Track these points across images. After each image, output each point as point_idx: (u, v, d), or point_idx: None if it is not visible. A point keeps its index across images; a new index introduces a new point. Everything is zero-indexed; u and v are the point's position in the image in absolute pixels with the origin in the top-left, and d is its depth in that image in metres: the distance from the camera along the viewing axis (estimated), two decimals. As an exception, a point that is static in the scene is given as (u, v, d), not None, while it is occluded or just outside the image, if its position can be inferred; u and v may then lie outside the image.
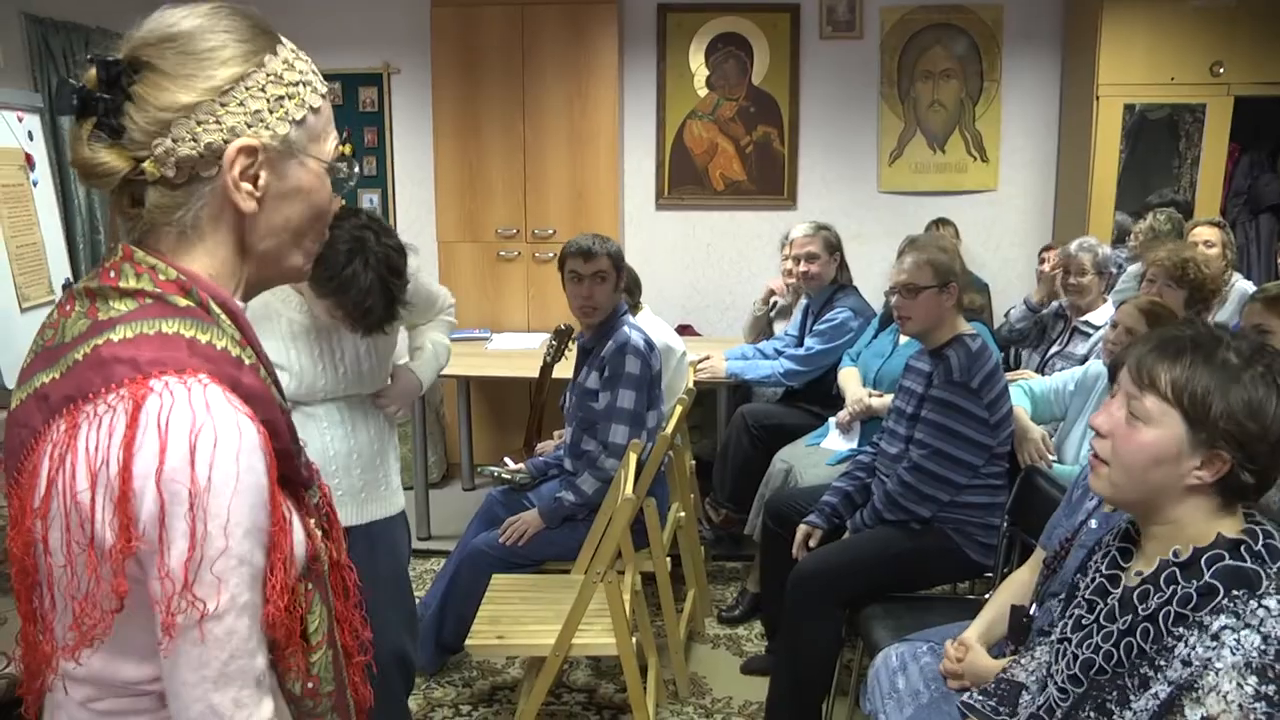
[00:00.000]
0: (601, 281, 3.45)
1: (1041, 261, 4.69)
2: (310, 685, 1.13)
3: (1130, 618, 1.47)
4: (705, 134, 5.71)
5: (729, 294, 5.84)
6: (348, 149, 5.90)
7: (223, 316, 1.05)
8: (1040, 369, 3.96)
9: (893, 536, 3.03)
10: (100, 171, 1.02)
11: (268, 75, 1.05)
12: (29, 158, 4.49)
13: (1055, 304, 4.31)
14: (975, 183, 5.67)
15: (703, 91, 5.68)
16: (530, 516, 3.42)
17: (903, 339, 3.85)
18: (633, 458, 3.08)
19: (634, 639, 2.94)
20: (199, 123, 1.02)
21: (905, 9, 5.53)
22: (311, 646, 1.12)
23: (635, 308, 4.05)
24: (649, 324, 3.92)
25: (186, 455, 0.94)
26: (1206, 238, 4.36)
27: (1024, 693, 1.75)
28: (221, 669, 0.98)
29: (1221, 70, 4.94)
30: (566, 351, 4.19)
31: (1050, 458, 3.22)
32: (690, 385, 3.99)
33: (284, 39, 1.10)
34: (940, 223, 5.33)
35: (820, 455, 3.89)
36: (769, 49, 5.61)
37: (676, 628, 3.56)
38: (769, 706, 3.12)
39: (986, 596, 2.63)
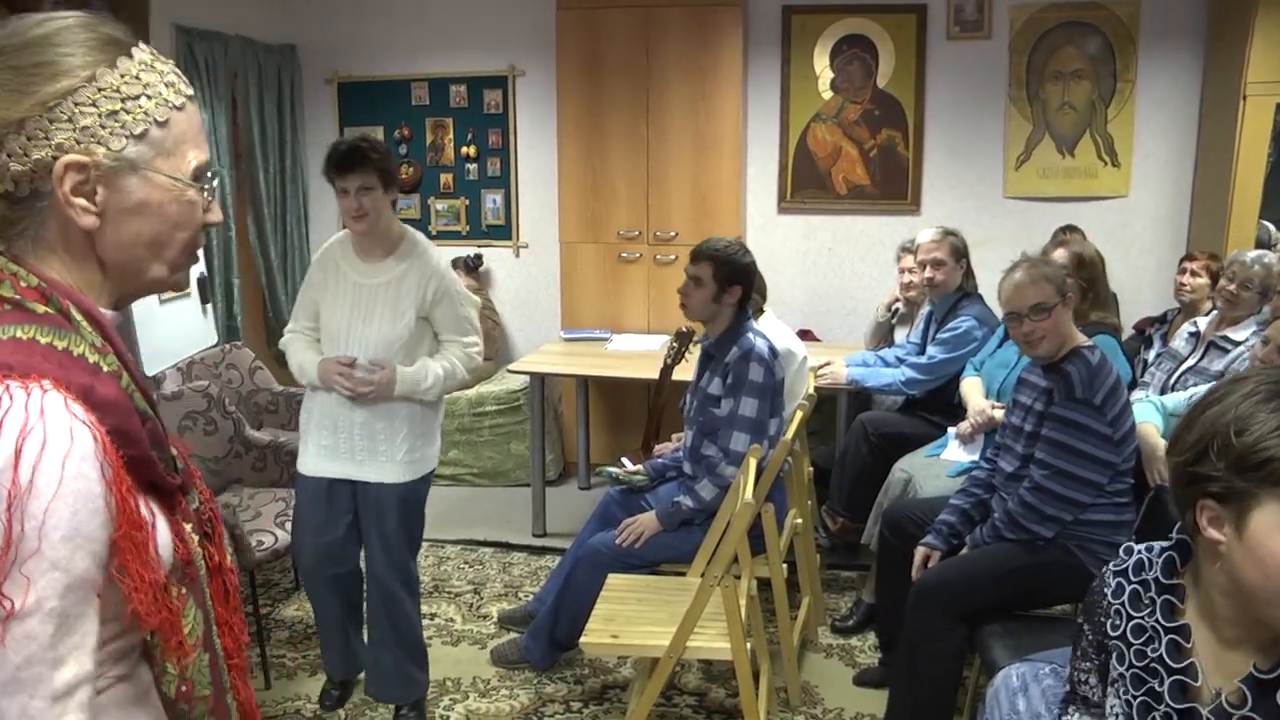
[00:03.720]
0: (697, 286, 3.46)
1: (1182, 272, 4.51)
2: (184, 689, 1.13)
3: None
4: (829, 137, 5.66)
5: (850, 299, 5.79)
6: (472, 150, 6.02)
7: (84, 323, 1.05)
8: (1172, 385, 3.83)
9: (1014, 551, 2.97)
10: None
11: (99, 90, 1.04)
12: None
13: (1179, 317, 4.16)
14: (1105, 188, 5.50)
15: (827, 94, 5.63)
16: (647, 518, 3.45)
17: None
18: (752, 463, 3.08)
19: (748, 644, 2.95)
20: (29, 138, 1.01)
21: (1036, 7, 5.39)
22: (186, 651, 1.12)
23: (758, 312, 4.04)
24: (770, 328, 3.91)
25: (11, 457, 0.94)
26: (1359, 248, 4.16)
27: None
28: (14, 673, 0.95)
29: (1394, 65, 4.66)
30: (686, 354, 4.21)
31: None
32: (811, 391, 3.97)
33: (140, 49, 1.09)
34: (1068, 229, 5.18)
35: (940, 466, 3.84)
36: (894, 51, 5.54)
37: (790, 635, 3.55)
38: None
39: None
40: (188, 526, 1.14)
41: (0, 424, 0.95)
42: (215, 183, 1.16)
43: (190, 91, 1.14)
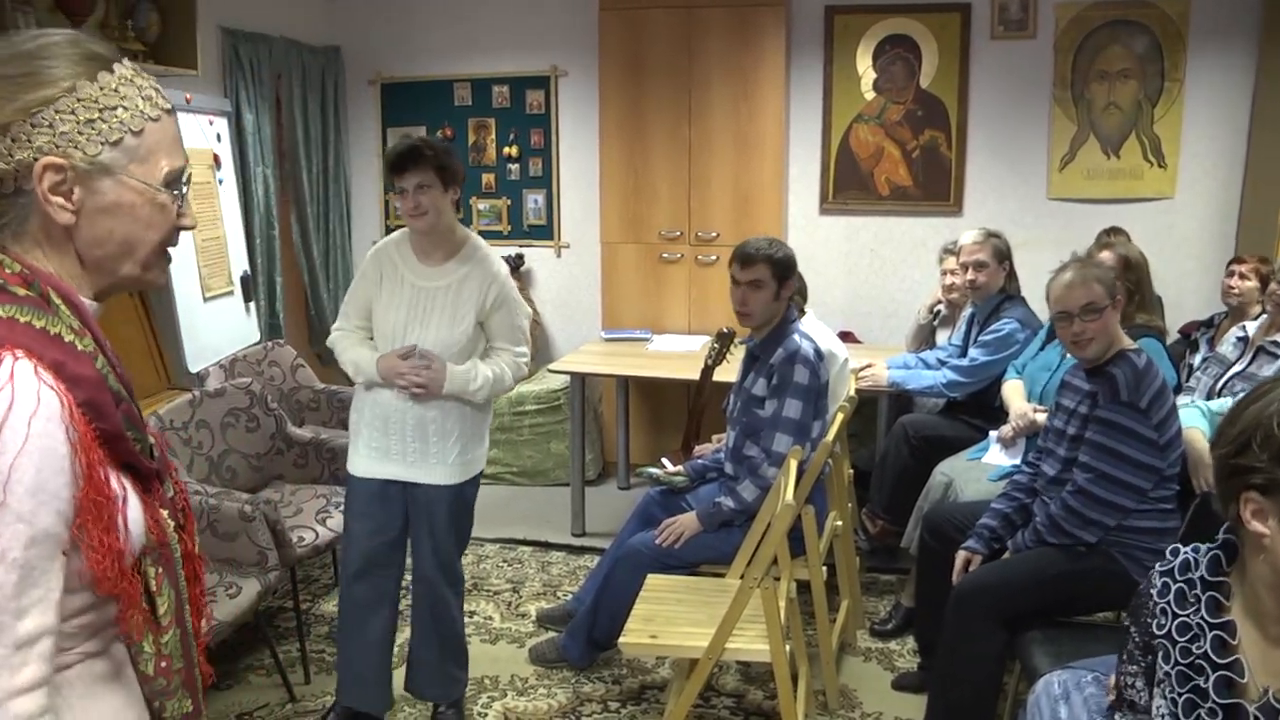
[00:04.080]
0: (756, 289, 3.42)
1: (1231, 275, 4.43)
2: (163, 664, 1.20)
3: None
4: (871, 138, 5.63)
5: (891, 301, 5.75)
6: (514, 150, 6.04)
7: (63, 307, 1.13)
8: (1219, 390, 3.76)
9: (1056, 557, 2.94)
10: None
11: (78, 100, 1.12)
12: (216, 158, 4.77)
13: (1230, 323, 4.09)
14: (1151, 189, 5.43)
15: (869, 94, 5.60)
16: (687, 519, 3.45)
17: (1072, 352, 3.74)
18: (793, 464, 3.06)
19: (786, 647, 2.94)
20: (14, 140, 1.10)
21: (1081, 5, 5.33)
22: (162, 628, 1.19)
23: (799, 313, 4.03)
24: (812, 329, 3.90)
25: None
26: None
27: None
28: None
29: None
30: (728, 355, 4.20)
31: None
32: (851, 393, 3.95)
33: (122, 65, 1.18)
34: (1112, 231, 5.12)
35: (981, 470, 3.81)
36: (937, 51, 5.50)
37: (829, 638, 3.53)
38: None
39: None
40: (164, 513, 1.21)
41: None
42: (188, 189, 1.25)
43: (168, 105, 1.22)
